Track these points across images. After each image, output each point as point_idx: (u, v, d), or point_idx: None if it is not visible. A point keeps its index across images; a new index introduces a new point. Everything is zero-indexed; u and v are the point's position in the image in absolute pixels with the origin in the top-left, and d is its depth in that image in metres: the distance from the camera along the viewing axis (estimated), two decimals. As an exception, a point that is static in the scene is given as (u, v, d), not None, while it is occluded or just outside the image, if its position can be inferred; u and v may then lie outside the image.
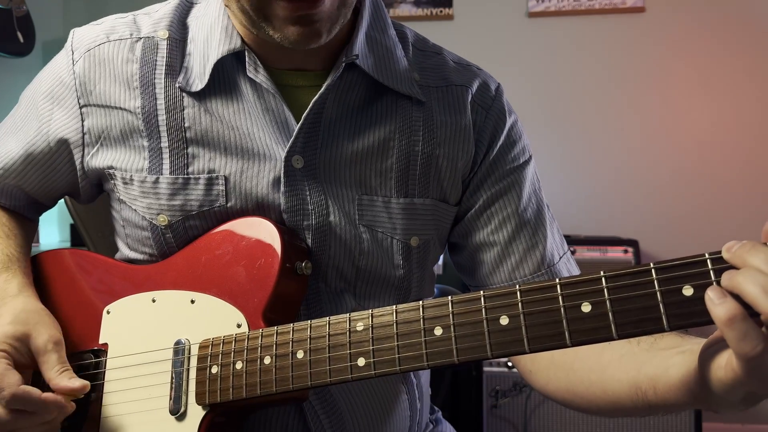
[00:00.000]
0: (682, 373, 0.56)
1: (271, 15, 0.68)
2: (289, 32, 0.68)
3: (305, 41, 0.69)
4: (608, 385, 0.66)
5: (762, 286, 0.45)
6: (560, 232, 0.88)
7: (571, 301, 0.53)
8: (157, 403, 0.71)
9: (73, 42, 0.82)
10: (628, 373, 0.63)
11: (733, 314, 0.46)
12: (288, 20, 0.67)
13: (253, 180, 0.76)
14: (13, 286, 0.77)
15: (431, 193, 0.81)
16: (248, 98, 0.77)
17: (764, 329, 0.46)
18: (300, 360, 0.64)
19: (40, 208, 0.91)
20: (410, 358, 0.59)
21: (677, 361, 0.58)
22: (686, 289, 0.50)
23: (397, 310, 0.61)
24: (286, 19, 0.67)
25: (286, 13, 0.67)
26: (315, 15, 0.67)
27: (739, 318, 0.46)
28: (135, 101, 0.78)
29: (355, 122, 0.78)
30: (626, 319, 0.51)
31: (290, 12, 0.66)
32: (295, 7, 0.66)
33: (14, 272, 0.79)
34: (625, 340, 0.64)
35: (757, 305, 0.45)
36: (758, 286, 0.45)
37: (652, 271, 0.51)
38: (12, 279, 0.78)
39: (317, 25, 0.68)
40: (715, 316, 0.47)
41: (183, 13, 0.82)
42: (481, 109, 0.83)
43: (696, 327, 0.51)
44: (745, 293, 0.45)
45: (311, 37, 0.69)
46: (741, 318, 0.46)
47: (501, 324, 0.55)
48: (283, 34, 0.69)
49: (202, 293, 0.74)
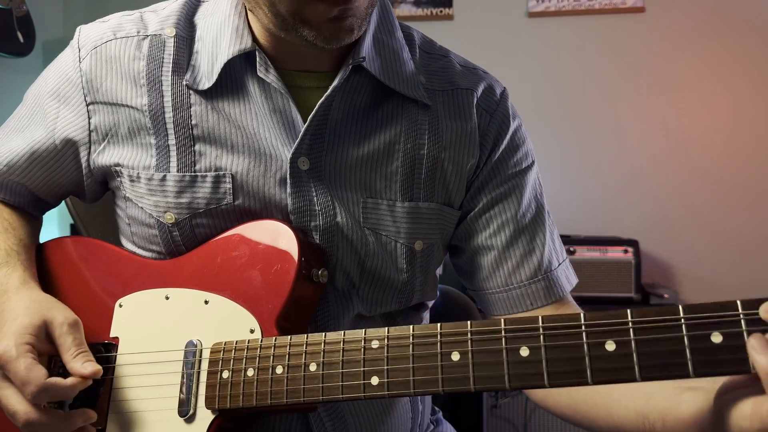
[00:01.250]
0: (694, 411, 0.56)
1: (308, 16, 0.68)
2: (325, 29, 0.69)
3: (340, 37, 0.70)
4: (613, 410, 0.66)
5: None
6: (560, 240, 0.87)
7: (594, 339, 0.52)
8: (167, 404, 0.70)
9: (79, 39, 0.81)
10: (635, 402, 0.63)
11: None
12: (325, 18, 0.68)
13: (259, 179, 0.76)
14: (15, 279, 0.76)
15: (436, 197, 0.80)
16: (256, 99, 0.76)
17: None
18: (312, 373, 0.63)
19: (44, 206, 0.90)
20: (425, 381, 0.58)
21: (689, 397, 0.57)
22: (715, 336, 0.49)
23: (413, 330, 0.60)
24: (324, 17, 0.68)
25: (326, 9, 0.67)
26: (349, 11, 0.68)
27: None
28: (142, 98, 0.77)
29: (361, 125, 0.78)
30: (650, 362, 0.50)
31: (330, 8, 0.67)
32: (334, 2, 0.66)
33: (14, 266, 0.78)
34: None
35: None
36: None
37: (680, 313, 0.50)
38: (12, 273, 0.77)
39: (350, 20, 0.69)
40: (758, 365, 0.46)
41: (190, 12, 0.82)
42: (485, 112, 0.83)
43: (721, 376, 0.50)
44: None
45: (346, 33, 0.70)
46: None
47: (521, 355, 0.54)
48: (319, 32, 0.69)
49: (217, 294, 0.73)
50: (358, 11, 0.69)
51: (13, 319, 0.70)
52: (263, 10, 0.70)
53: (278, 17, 0.69)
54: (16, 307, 0.72)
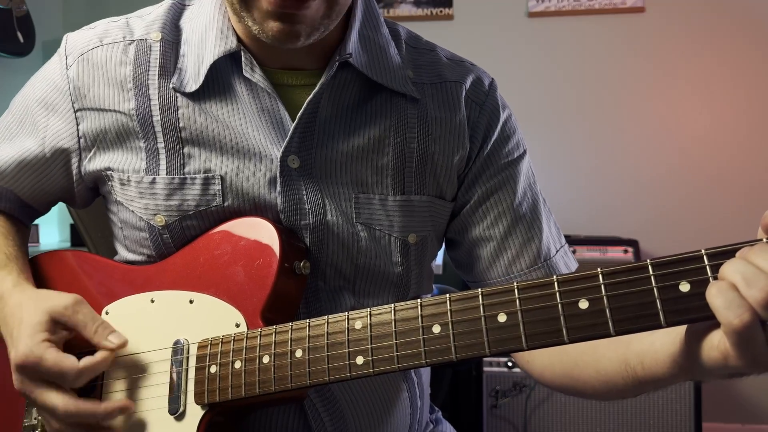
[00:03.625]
0: (667, 346, 0.57)
1: (253, 6, 0.68)
2: (268, 27, 0.69)
3: (284, 39, 0.70)
4: (601, 365, 0.67)
5: (741, 272, 0.47)
6: (557, 226, 0.88)
7: (568, 298, 0.53)
8: (156, 403, 0.71)
9: (66, 47, 0.82)
10: (617, 350, 0.64)
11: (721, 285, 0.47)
12: (270, 15, 0.68)
13: (249, 180, 0.76)
14: (8, 283, 0.77)
15: (427, 189, 0.81)
16: (243, 99, 0.77)
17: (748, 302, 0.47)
18: (299, 359, 0.64)
19: (33, 213, 0.91)
20: (409, 356, 0.59)
21: (661, 335, 0.59)
22: (683, 285, 0.50)
23: (395, 308, 0.61)
24: (268, 13, 0.68)
25: (269, 7, 0.67)
26: (297, 16, 0.68)
27: (725, 287, 0.47)
28: (129, 103, 0.78)
29: (350, 121, 0.79)
30: (623, 316, 0.51)
31: (274, 7, 0.67)
32: (279, 3, 0.67)
33: (10, 270, 0.79)
34: None
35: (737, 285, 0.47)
36: (738, 272, 0.47)
37: (648, 267, 0.51)
38: (7, 276, 0.78)
39: (297, 26, 0.69)
40: (714, 309, 0.47)
41: (176, 15, 0.83)
42: (474, 104, 0.84)
43: (693, 323, 0.51)
44: (724, 274, 0.48)
45: (290, 37, 0.69)
46: (727, 287, 0.47)
47: (499, 321, 0.55)
48: (262, 28, 0.69)
49: (201, 293, 0.74)
50: (308, 18, 0.69)
51: (18, 323, 0.71)
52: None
53: (231, 4, 0.71)
54: (17, 312, 0.73)
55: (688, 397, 1.99)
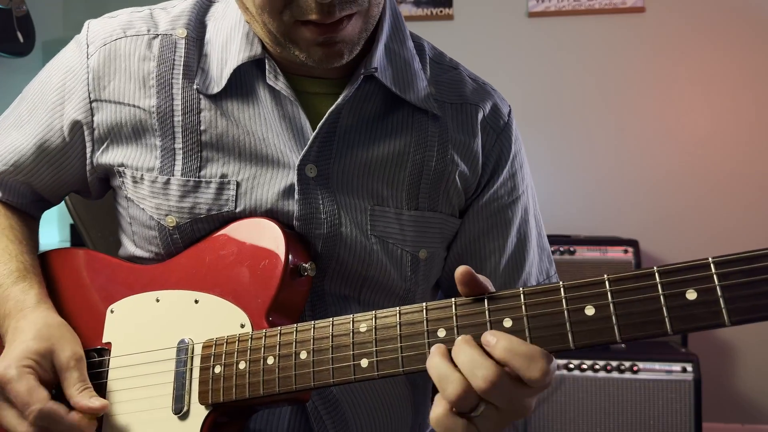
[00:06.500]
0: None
1: (297, 38, 0.69)
2: (313, 53, 0.70)
3: (329, 61, 0.71)
4: None
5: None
6: (549, 257, 0.90)
7: (574, 304, 0.53)
8: (160, 402, 0.71)
9: (88, 35, 0.81)
10: None
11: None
12: (313, 42, 0.69)
13: (264, 186, 0.76)
14: (31, 296, 0.76)
15: (440, 207, 0.82)
16: (266, 104, 0.77)
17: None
18: (303, 360, 0.64)
19: (45, 205, 0.91)
20: (414, 359, 0.59)
21: None
22: (690, 293, 0.50)
23: (400, 311, 0.61)
24: (311, 41, 0.69)
25: (312, 36, 0.69)
26: (337, 37, 0.69)
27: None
28: (150, 100, 0.78)
29: (370, 133, 0.79)
30: (629, 322, 0.52)
31: (316, 35, 0.68)
32: (320, 31, 0.68)
33: (30, 282, 0.78)
34: None
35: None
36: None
37: (655, 274, 0.51)
38: (29, 289, 0.77)
39: (339, 45, 0.70)
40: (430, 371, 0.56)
41: (201, 12, 0.82)
42: (492, 131, 0.84)
43: (699, 331, 0.51)
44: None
45: (334, 57, 0.71)
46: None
47: (504, 326, 0.56)
48: (309, 55, 0.71)
49: (206, 293, 0.74)
50: (348, 37, 0.70)
51: (21, 341, 0.71)
52: (259, 26, 0.71)
53: (271, 35, 0.71)
54: (27, 329, 0.72)
55: (688, 397, 1.99)
